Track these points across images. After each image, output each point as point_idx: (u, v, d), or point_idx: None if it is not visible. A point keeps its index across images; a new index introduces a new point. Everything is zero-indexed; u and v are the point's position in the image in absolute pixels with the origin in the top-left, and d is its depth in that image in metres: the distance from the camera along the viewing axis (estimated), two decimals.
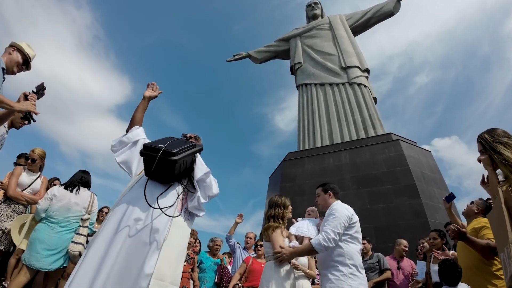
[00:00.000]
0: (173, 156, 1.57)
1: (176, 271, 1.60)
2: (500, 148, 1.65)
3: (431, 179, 7.38)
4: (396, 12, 12.67)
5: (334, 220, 2.28)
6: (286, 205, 2.82)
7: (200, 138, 2.17)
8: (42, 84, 2.44)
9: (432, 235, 3.66)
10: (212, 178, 1.85)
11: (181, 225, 1.69)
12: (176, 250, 1.61)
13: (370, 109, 10.09)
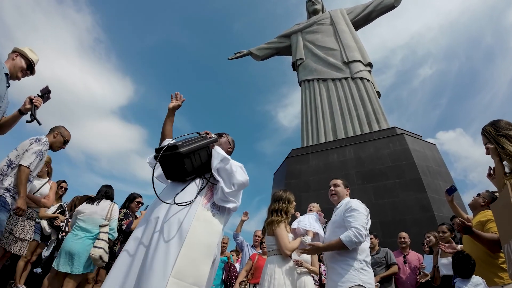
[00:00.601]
0: (177, 149, 1.59)
1: (201, 271, 1.44)
2: (503, 142, 1.64)
3: (437, 173, 7.31)
4: (398, 5, 12.52)
5: (360, 216, 2.28)
6: (290, 200, 2.80)
7: (224, 133, 2.13)
8: (47, 87, 2.46)
9: (442, 228, 3.64)
10: (236, 165, 1.74)
11: (209, 220, 1.58)
12: (201, 247, 1.47)
13: (373, 103, 10.01)
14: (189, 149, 1.63)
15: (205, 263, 1.47)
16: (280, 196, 2.80)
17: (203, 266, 1.46)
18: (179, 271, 1.34)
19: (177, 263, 1.35)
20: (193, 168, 1.68)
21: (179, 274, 1.34)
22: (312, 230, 2.68)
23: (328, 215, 3.13)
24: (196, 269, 1.42)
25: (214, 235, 1.58)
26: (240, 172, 1.71)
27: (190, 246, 1.42)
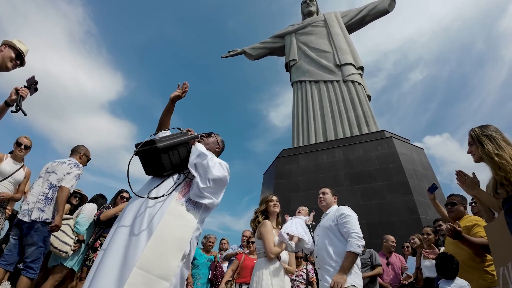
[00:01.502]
0: (154, 144, 1.59)
1: (170, 264, 1.41)
2: (485, 141, 1.72)
3: (423, 176, 7.46)
4: (391, 10, 12.73)
5: (354, 221, 2.46)
6: (265, 199, 2.98)
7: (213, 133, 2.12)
8: (33, 77, 2.37)
9: (426, 230, 3.70)
10: (215, 161, 1.73)
11: (182, 215, 1.57)
12: (171, 240, 1.46)
13: (364, 106, 10.15)
14: (166, 144, 1.63)
15: (174, 256, 1.45)
16: (264, 198, 3.02)
17: (172, 259, 1.43)
18: (145, 262, 1.33)
19: (144, 254, 1.35)
20: (171, 164, 1.68)
21: (144, 265, 1.33)
22: (298, 235, 2.74)
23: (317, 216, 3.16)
24: (163, 262, 1.40)
25: (186, 229, 1.56)
26: (218, 168, 1.70)
27: (159, 239, 1.42)
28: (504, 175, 1.57)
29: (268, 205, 2.92)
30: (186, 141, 1.76)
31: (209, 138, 2.06)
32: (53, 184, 3.04)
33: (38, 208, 2.93)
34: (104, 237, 3.54)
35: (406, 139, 8.62)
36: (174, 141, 1.67)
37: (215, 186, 1.67)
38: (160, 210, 1.51)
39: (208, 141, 2.03)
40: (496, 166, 1.63)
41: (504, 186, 1.58)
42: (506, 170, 1.57)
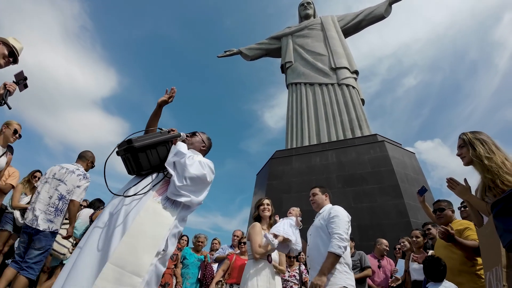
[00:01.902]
0: (131, 143, 1.63)
1: (142, 260, 1.42)
2: (476, 145, 1.76)
3: (414, 180, 7.56)
4: (387, 16, 12.89)
5: (341, 222, 2.40)
6: (257, 204, 3.00)
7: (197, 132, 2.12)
8: (21, 72, 2.33)
9: (415, 233, 3.74)
10: (195, 160, 1.74)
11: (158, 212, 1.58)
12: (145, 237, 1.47)
13: (357, 110, 10.24)
14: (143, 143, 1.65)
15: (147, 253, 1.45)
16: (257, 203, 3.03)
17: (145, 256, 1.44)
18: (118, 258, 1.35)
19: (117, 250, 1.37)
20: (149, 163, 1.70)
21: (117, 260, 1.35)
22: (283, 235, 2.75)
23: (310, 217, 3.17)
24: (136, 258, 1.41)
25: (162, 227, 1.57)
26: (196, 166, 1.70)
27: (133, 235, 1.44)
28: (491, 178, 1.60)
29: (259, 210, 2.96)
30: (165, 140, 1.77)
31: (194, 138, 2.06)
32: (63, 195, 3.18)
33: (47, 220, 3.08)
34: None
35: (398, 143, 8.73)
36: (151, 141, 1.69)
37: (192, 184, 1.67)
38: (136, 208, 1.53)
39: (192, 140, 2.04)
40: (485, 169, 1.66)
41: (492, 189, 1.61)
42: (493, 172, 1.60)
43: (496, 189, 1.59)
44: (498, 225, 0.93)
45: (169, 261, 4.09)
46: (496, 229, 0.95)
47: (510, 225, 0.85)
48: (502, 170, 1.60)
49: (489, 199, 1.65)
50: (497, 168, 1.61)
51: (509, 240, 0.84)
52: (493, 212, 0.94)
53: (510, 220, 0.85)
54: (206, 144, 2.13)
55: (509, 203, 0.86)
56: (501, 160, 1.64)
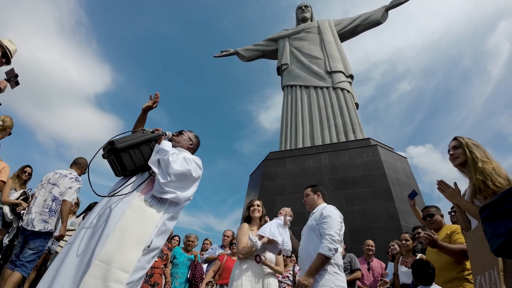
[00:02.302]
0: (113, 145, 1.65)
1: (129, 257, 1.45)
2: (473, 149, 1.84)
3: (406, 184, 7.65)
4: (383, 22, 13.06)
5: (332, 223, 2.35)
6: (248, 205, 3.02)
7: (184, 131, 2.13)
8: (12, 70, 2.35)
9: (404, 237, 3.78)
10: (177, 156, 1.75)
11: (143, 210, 1.61)
12: (131, 234, 1.50)
13: (351, 114, 10.33)
14: (125, 144, 1.67)
15: (134, 249, 1.49)
16: (247, 205, 3.06)
17: (132, 252, 1.48)
18: (105, 255, 1.38)
19: (104, 247, 1.40)
20: (133, 163, 1.72)
21: (105, 258, 1.38)
22: (269, 236, 2.71)
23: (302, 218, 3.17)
24: (123, 254, 1.44)
25: (148, 224, 1.60)
26: (180, 162, 1.73)
27: (119, 233, 1.47)
28: (483, 179, 1.64)
29: (249, 210, 2.96)
30: (148, 139, 1.79)
31: (180, 136, 2.08)
32: (56, 197, 3.42)
33: (42, 220, 3.29)
34: None
35: (391, 147, 8.83)
36: (133, 141, 1.72)
37: (177, 180, 1.70)
38: (121, 207, 1.56)
39: (179, 139, 2.06)
40: (477, 171, 1.72)
41: (482, 191, 1.65)
42: (486, 173, 1.67)
43: (487, 190, 1.64)
44: (486, 230, 0.94)
45: (159, 260, 4.04)
46: (485, 234, 0.96)
47: (498, 229, 0.86)
48: (495, 172, 1.68)
49: (479, 202, 1.68)
50: (490, 170, 1.68)
51: (498, 244, 0.86)
52: (482, 217, 0.95)
53: (499, 225, 0.86)
54: (194, 142, 2.13)
55: (498, 208, 0.87)
56: (494, 165, 1.73)
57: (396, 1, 12.79)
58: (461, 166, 1.93)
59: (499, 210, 0.87)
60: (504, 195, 0.86)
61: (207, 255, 4.66)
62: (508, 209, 0.82)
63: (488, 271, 1.50)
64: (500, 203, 0.87)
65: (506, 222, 0.82)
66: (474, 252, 1.73)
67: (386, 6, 12.92)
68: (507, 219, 0.82)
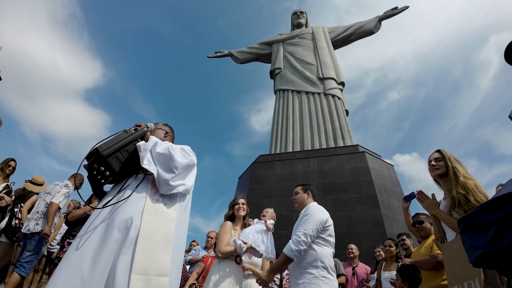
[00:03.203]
0: (98, 153, 1.55)
1: (162, 260, 1.44)
2: (456, 164, 1.92)
3: (392, 192, 7.80)
4: (376, 31, 13.34)
5: (307, 222, 2.27)
6: (232, 203, 2.97)
7: (149, 124, 1.99)
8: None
9: (388, 243, 3.83)
10: (172, 148, 1.68)
11: (159, 211, 1.56)
12: (157, 238, 1.47)
13: (341, 120, 10.49)
14: (111, 150, 1.58)
15: (164, 252, 1.47)
16: (230, 203, 3.01)
17: (163, 255, 1.46)
18: (140, 266, 1.34)
19: (136, 259, 1.35)
20: (122, 166, 1.64)
21: (140, 269, 1.34)
22: (251, 244, 2.59)
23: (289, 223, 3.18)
24: (156, 260, 1.42)
25: (168, 223, 1.56)
26: (181, 153, 1.69)
27: (145, 240, 1.42)
28: (464, 193, 1.70)
29: (233, 209, 2.90)
30: (133, 140, 1.71)
31: (153, 131, 1.98)
32: (47, 202, 3.76)
33: (36, 223, 3.63)
34: (74, 235, 3.54)
35: (378, 155, 8.99)
36: (119, 144, 1.63)
37: (183, 172, 1.67)
38: (136, 212, 1.50)
39: (153, 133, 1.96)
40: (458, 185, 1.78)
41: (462, 205, 1.70)
42: (468, 188, 1.73)
43: (468, 204, 1.69)
44: (465, 241, 0.97)
45: None
46: (463, 244, 0.99)
47: (476, 241, 0.88)
48: (477, 188, 1.75)
49: (458, 215, 1.73)
50: (472, 186, 1.75)
51: (476, 256, 0.88)
52: (460, 228, 0.98)
53: (477, 236, 0.89)
54: (168, 130, 2.06)
55: (477, 220, 0.90)
56: (476, 182, 1.80)
57: (390, 12, 13.11)
58: (439, 177, 1.99)
59: (477, 223, 0.89)
60: (482, 208, 0.89)
61: (190, 257, 4.59)
62: (485, 222, 0.85)
63: (468, 282, 1.54)
64: (478, 216, 0.89)
65: (483, 235, 0.85)
66: (451, 262, 1.77)
67: (379, 17, 13.22)
68: (484, 232, 0.84)
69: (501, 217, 0.81)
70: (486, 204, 0.88)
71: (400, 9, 12.96)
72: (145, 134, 1.80)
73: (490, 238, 0.82)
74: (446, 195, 1.96)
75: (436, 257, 2.49)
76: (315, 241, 2.28)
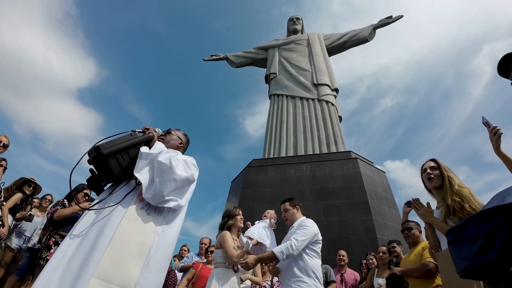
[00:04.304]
0: (99, 150, 1.51)
1: (129, 271, 1.33)
2: (450, 172, 1.95)
3: (383, 198, 7.87)
4: (371, 40, 13.54)
5: (307, 233, 2.43)
6: (233, 214, 2.92)
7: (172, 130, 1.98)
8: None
9: (382, 249, 3.85)
10: (176, 159, 1.60)
11: (140, 219, 1.47)
12: (130, 247, 1.38)
13: (334, 126, 10.59)
14: (113, 150, 1.53)
15: (134, 263, 1.36)
16: (226, 212, 2.98)
17: (132, 266, 1.35)
18: (103, 271, 1.26)
19: (101, 263, 1.26)
20: (121, 169, 1.58)
21: (103, 274, 1.25)
22: (257, 239, 2.72)
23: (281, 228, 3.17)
24: (123, 269, 1.31)
25: (146, 234, 1.46)
26: (183, 166, 1.61)
27: (117, 246, 1.33)
28: (460, 201, 1.72)
29: (236, 220, 2.90)
30: (137, 143, 1.65)
31: (169, 136, 1.93)
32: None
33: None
34: (60, 235, 3.37)
35: (370, 161, 9.08)
36: (122, 145, 1.58)
37: (181, 186, 1.58)
38: (116, 216, 1.43)
39: (168, 139, 1.91)
40: (453, 193, 1.81)
41: (457, 213, 1.72)
42: (464, 196, 1.77)
43: (463, 211, 1.72)
44: (452, 251, 0.98)
45: None
46: (451, 255, 1.00)
47: (462, 252, 0.89)
48: (472, 196, 1.79)
49: (453, 223, 1.76)
50: (467, 194, 1.78)
51: (462, 267, 0.89)
52: (448, 239, 1.00)
53: (464, 248, 0.90)
54: (183, 141, 2.00)
55: (464, 231, 0.91)
56: (470, 191, 1.84)
57: (384, 21, 13.35)
58: (437, 187, 2.01)
59: (464, 235, 0.91)
60: (469, 220, 0.91)
61: (182, 264, 4.53)
62: (471, 234, 0.86)
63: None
64: (466, 228, 0.91)
65: (470, 247, 0.86)
66: (447, 271, 1.78)
67: (374, 25, 13.45)
68: (471, 244, 0.85)
69: (488, 230, 0.82)
70: (474, 216, 0.90)
71: (394, 18, 13.22)
72: (151, 139, 1.72)
73: (476, 250, 0.83)
74: (439, 204, 1.99)
75: (427, 265, 2.51)
76: (309, 253, 2.41)
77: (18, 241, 4.23)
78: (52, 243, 3.37)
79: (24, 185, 3.97)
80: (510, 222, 0.79)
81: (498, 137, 1.64)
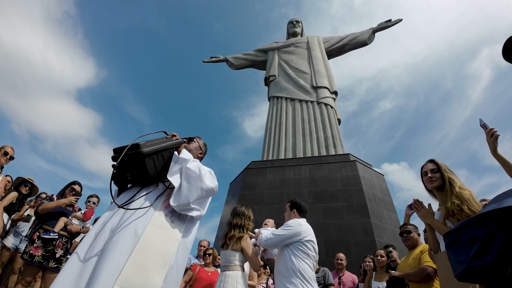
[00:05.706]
0: (138, 148, 1.44)
1: (151, 280, 1.28)
2: (452, 175, 1.95)
3: (381, 201, 7.87)
4: (370, 43, 13.62)
5: (279, 231, 2.60)
6: (251, 217, 2.92)
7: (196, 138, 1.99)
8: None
9: (380, 253, 3.85)
10: (205, 169, 1.59)
11: (165, 227, 1.44)
12: (154, 254, 1.34)
13: (333, 129, 10.61)
14: (152, 149, 1.48)
15: (157, 272, 1.32)
16: (242, 212, 2.89)
17: (155, 275, 1.31)
18: (125, 279, 1.22)
19: (124, 270, 1.22)
20: (156, 170, 1.54)
21: (125, 282, 1.21)
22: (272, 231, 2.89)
23: None
24: (145, 278, 1.27)
25: (170, 242, 1.44)
26: (209, 177, 1.60)
27: (141, 253, 1.29)
28: (459, 203, 1.72)
29: (249, 225, 2.88)
30: (172, 146, 1.63)
31: (191, 144, 1.93)
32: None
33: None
34: (44, 229, 3.25)
35: (369, 164, 9.09)
36: (160, 146, 1.54)
37: (206, 196, 1.58)
38: (142, 222, 1.39)
39: (190, 147, 1.90)
40: (453, 195, 1.82)
41: (456, 215, 1.72)
42: (464, 198, 1.77)
43: (461, 214, 1.72)
44: (449, 255, 0.98)
45: None
46: (448, 258, 1.00)
47: (460, 256, 0.90)
48: (472, 198, 1.79)
49: (452, 224, 1.76)
50: (468, 196, 1.78)
51: (460, 271, 0.89)
52: (446, 242, 1.00)
53: (461, 251, 0.90)
54: (203, 151, 2.02)
55: (461, 235, 0.91)
56: (471, 192, 1.84)
57: (383, 24, 13.43)
58: (435, 189, 2.01)
59: (461, 238, 0.91)
60: (467, 223, 0.91)
61: None
62: (469, 237, 0.87)
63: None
64: (463, 231, 0.91)
65: (467, 250, 0.86)
66: (445, 272, 1.78)
67: (373, 28, 13.53)
68: (469, 248, 0.86)
69: (485, 233, 0.82)
70: (471, 220, 0.90)
71: (393, 21, 13.30)
72: (180, 145, 1.71)
73: (474, 254, 0.83)
74: (441, 205, 1.99)
75: (425, 269, 2.51)
76: (295, 254, 2.48)
77: (14, 241, 4.19)
78: (36, 238, 3.23)
79: (21, 185, 3.94)
80: (507, 226, 0.80)
81: (495, 139, 1.64)
